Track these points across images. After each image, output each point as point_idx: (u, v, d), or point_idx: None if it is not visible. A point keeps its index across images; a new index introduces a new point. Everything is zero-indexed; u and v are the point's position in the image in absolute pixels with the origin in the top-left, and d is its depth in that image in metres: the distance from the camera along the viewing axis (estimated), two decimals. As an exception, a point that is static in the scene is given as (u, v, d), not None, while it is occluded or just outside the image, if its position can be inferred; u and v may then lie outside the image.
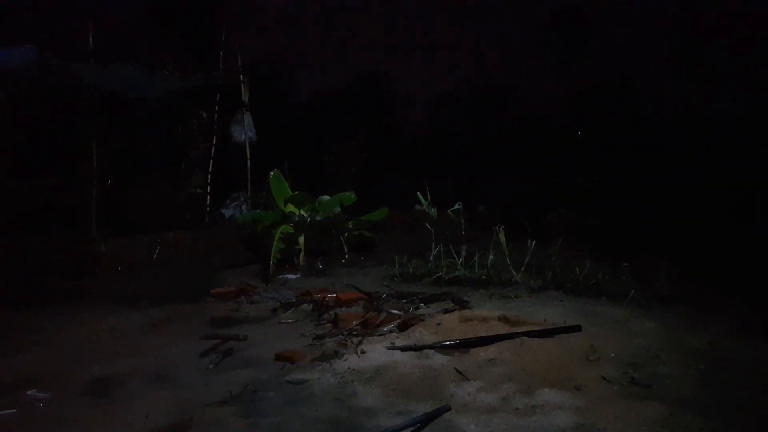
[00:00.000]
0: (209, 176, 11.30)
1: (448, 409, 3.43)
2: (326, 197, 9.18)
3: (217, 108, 11.59)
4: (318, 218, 8.96)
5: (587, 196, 14.79)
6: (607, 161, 16.89)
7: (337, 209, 9.08)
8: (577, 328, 4.55)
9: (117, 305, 6.46)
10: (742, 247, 8.78)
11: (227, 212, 11.40)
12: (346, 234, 9.24)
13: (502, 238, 7.60)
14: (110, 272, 8.39)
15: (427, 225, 8.46)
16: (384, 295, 6.24)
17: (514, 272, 7.02)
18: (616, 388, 3.63)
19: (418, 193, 8.82)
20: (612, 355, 4.11)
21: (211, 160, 11.38)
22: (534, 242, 7.46)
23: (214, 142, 11.46)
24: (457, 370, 3.99)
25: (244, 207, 11.26)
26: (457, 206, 8.62)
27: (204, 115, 11.51)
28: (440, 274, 7.27)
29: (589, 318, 5.05)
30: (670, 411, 3.26)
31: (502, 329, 4.67)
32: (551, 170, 16.95)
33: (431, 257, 7.87)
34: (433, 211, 8.75)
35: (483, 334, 4.56)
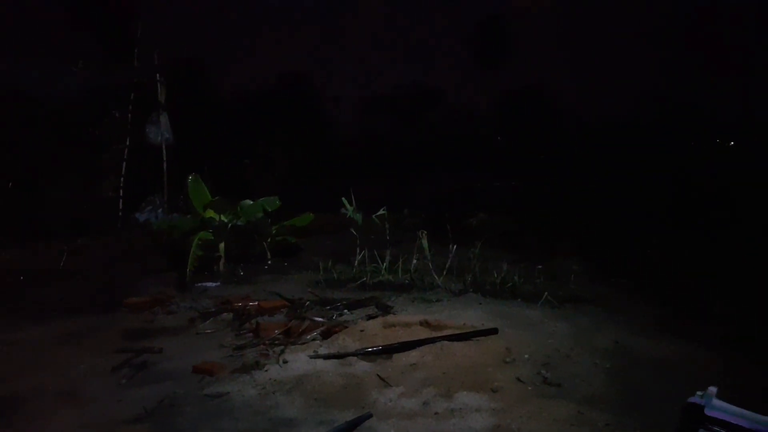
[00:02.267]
0: (122, 179, 10.80)
1: (370, 416, 3.46)
2: (248, 202, 8.98)
3: (131, 108, 11.09)
4: (240, 223, 8.76)
5: (506, 199, 15.35)
6: (527, 165, 17.63)
7: (260, 214, 8.91)
8: (494, 331, 4.71)
9: (20, 317, 6.02)
10: (649, 247, 9.42)
11: (142, 217, 10.93)
12: (269, 239, 9.07)
13: (425, 242, 7.75)
14: (13, 282, 7.81)
15: (352, 230, 8.48)
16: (307, 302, 6.18)
17: (436, 276, 7.17)
18: (530, 388, 3.78)
19: (343, 198, 8.82)
20: (526, 356, 4.29)
21: (125, 163, 10.87)
22: (455, 246, 7.65)
23: (127, 143, 10.96)
24: (379, 376, 4.03)
25: (160, 212, 10.83)
26: (381, 211, 8.70)
27: (117, 115, 10.99)
28: (365, 279, 7.30)
29: (506, 320, 5.23)
30: (579, 409, 3.44)
31: (424, 334, 4.75)
32: (474, 174, 17.47)
33: (356, 262, 7.89)
34: (359, 216, 8.77)
35: (405, 339, 4.62)
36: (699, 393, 2.92)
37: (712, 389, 2.90)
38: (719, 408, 2.76)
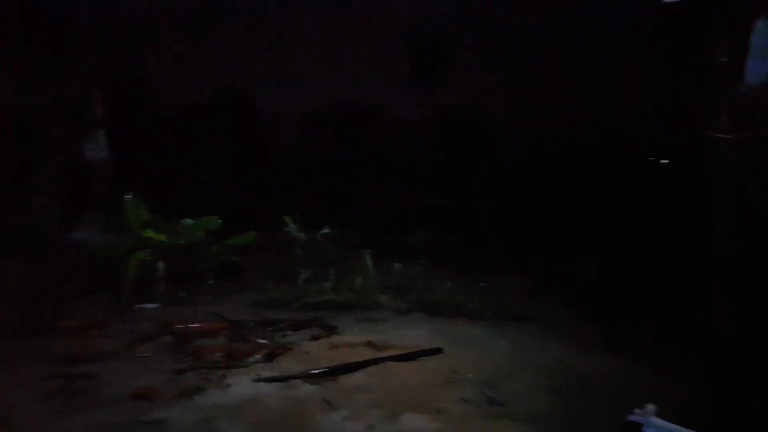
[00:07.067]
0: (57, 198, 10.32)
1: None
2: (189, 221, 8.76)
3: (67, 124, 10.65)
4: (180, 243, 8.54)
5: (448, 217, 15.58)
6: (468, 183, 17.98)
7: (201, 233, 8.72)
8: (438, 351, 4.77)
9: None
10: (586, 263, 9.73)
11: (78, 237, 10.46)
12: (210, 259, 8.88)
13: (369, 261, 7.79)
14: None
15: (296, 249, 8.41)
16: (250, 324, 6.09)
17: (380, 295, 7.20)
18: (474, 408, 3.84)
19: (286, 216, 8.77)
20: (470, 375, 4.37)
21: (58, 181, 10.39)
22: (399, 264, 7.73)
23: (63, 161, 10.49)
24: (324, 399, 4.00)
25: (96, 231, 10.41)
26: (325, 230, 8.69)
27: (52, 131, 10.51)
28: (308, 299, 7.25)
29: (450, 339, 5.32)
30: (522, 428, 3.53)
31: (369, 355, 4.76)
32: (416, 191, 17.67)
33: (299, 282, 7.83)
34: (302, 235, 8.73)
35: (350, 360, 4.62)
36: (638, 411, 3.03)
37: (651, 407, 3.02)
38: (657, 426, 2.88)
